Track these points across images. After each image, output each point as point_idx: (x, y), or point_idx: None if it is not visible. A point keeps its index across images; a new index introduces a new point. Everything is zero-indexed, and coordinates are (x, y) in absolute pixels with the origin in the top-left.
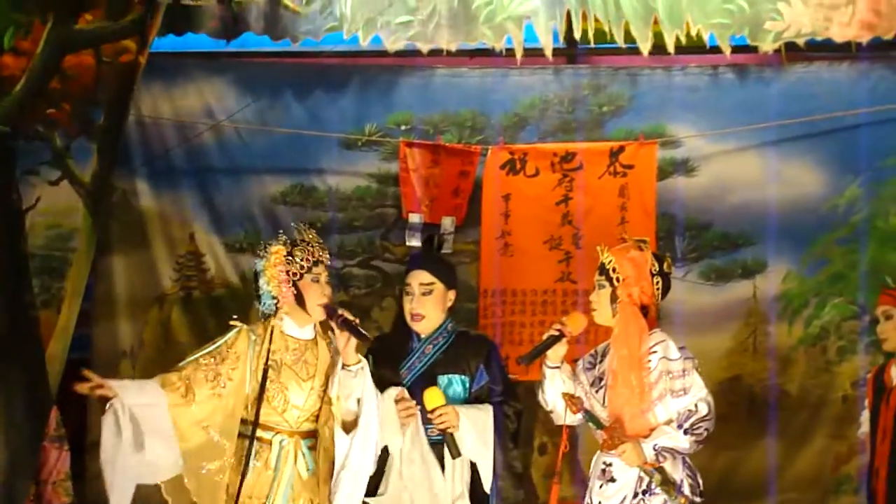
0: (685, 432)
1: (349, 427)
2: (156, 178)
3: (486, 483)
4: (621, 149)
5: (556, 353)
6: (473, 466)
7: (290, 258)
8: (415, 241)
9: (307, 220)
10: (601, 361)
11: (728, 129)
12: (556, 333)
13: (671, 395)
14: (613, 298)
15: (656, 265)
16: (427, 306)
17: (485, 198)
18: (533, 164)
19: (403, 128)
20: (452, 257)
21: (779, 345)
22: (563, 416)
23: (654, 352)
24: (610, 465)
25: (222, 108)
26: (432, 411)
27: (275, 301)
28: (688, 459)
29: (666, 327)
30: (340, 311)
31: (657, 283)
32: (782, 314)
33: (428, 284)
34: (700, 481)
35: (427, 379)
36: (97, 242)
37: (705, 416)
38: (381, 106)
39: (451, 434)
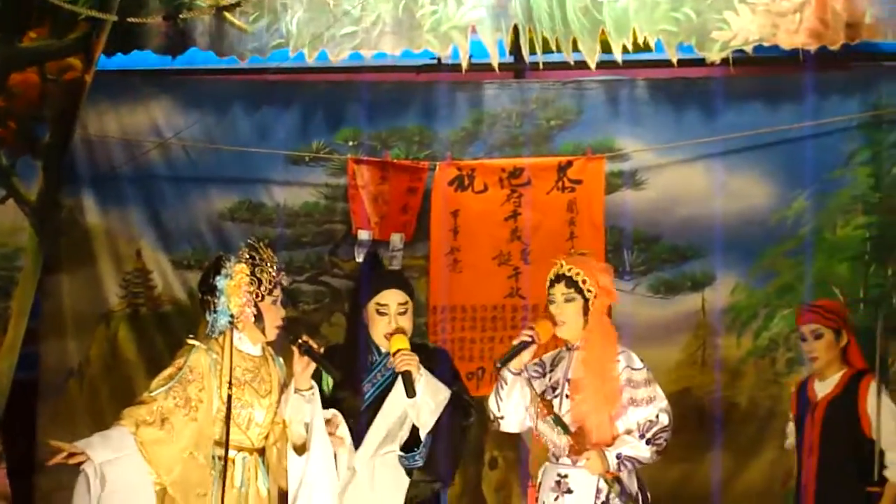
0: (647, 442)
1: (300, 450)
2: (102, 195)
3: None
4: (569, 164)
5: (520, 359)
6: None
7: (254, 279)
8: (363, 258)
9: (255, 236)
10: (552, 370)
11: (675, 142)
12: (528, 339)
13: (633, 405)
14: (586, 310)
15: None
16: (403, 324)
17: (433, 214)
18: (481, 180)
19: (351, 143)
20: None
21: (728, 357)
22: (535, 418)
23: (618, 361)
24: (565, 476)
25: (169, 125)
26: (395, 353)
27: (230, 319)
28: (638, 472)
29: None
30: (305, 338)
31: None
32: (731, 326)
33: (404, 304)
34: (648, 495)
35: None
36: (43, 260)
37: (665, 426)
38: (328, 122)
39: (410, 373)
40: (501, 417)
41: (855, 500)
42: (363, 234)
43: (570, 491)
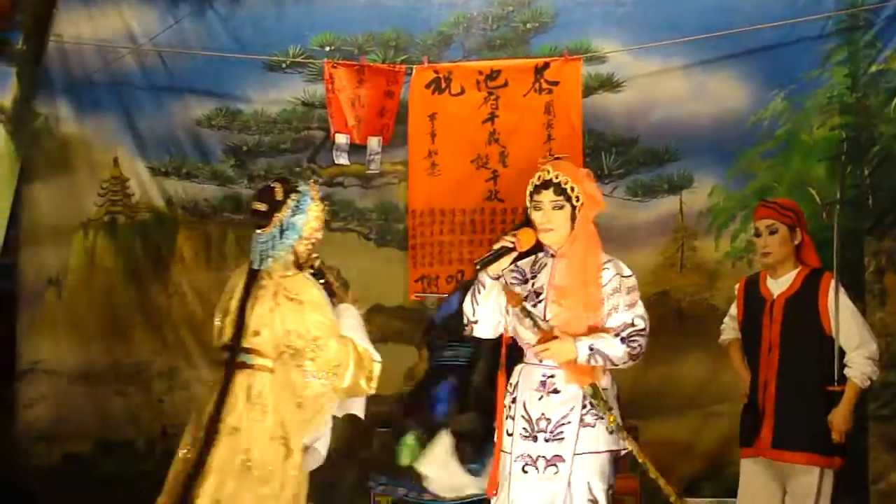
0: (621, 341)
1: None
2: (78, 102)
3: None
4: (546, 65)
5: (500, 265)
6: None
7: (321, 220)
8: (342, 161)
9: (233, 143)
10: (534, 277)
11: (653, 43)
12: (510, 245)
13: (615, 311)
14: (573, 217)
15: None
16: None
17: (411, 117)
18: (458, 83)
19: (328, 49)
20: (380, 178)
21: (706, 259)
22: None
23: (606, 268)
24: (552, 376)
25: (143, 31)
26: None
27: (295, 257)
28: (615, 384)
29: None
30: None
31: None
32: (709, 229)
33: None
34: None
35: None
36: (20, 169)
37: (641, 329)
38: (304, 27)
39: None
40: (476, 322)
41: (815, 399)
42: (341, 138)
43: (556, 391)
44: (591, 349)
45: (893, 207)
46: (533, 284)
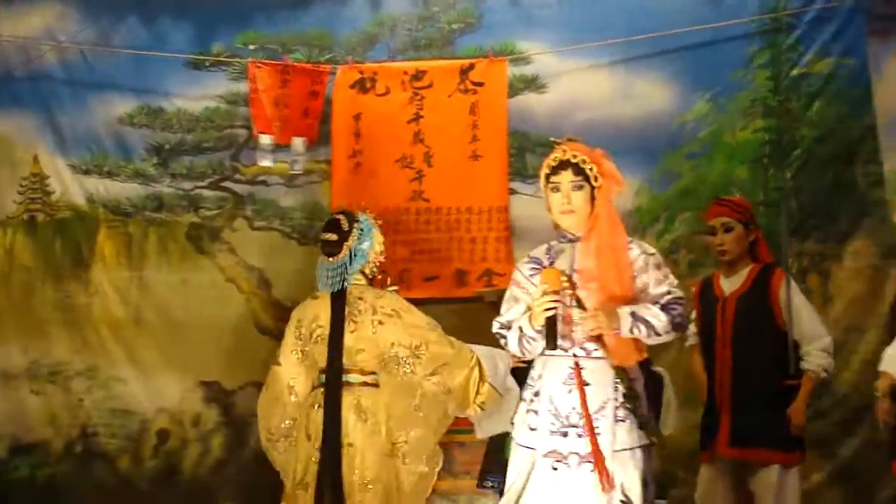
0: (661, 308)
1: None
2: None
3: None
4: (471, 66)
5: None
6: None
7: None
8: (266, 162)
9: (156, 141)
10: (551, 264)
11: (578, 45)
12: (553, 309)
13: (648, 287)
14: (592, 197)
15: None
16: None
17: (335, 117)
18: (383, 83)
19: (251, 47)
20: (304, 177)
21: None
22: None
23: (631, 248)
24: (583, 368)
25: (64, 28)
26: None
27: (368, 278)
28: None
29: (520, 244)
30: None
31: None
32: (634, 229)
33: None
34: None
35: None
36: None
37: (679, 297)
38: (228, 25)
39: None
40: (530, 359)
41: (771, 394)
42: (265, 139)
43: (587, 384)
44: (633, 316)
45: (816, 209)
46: None
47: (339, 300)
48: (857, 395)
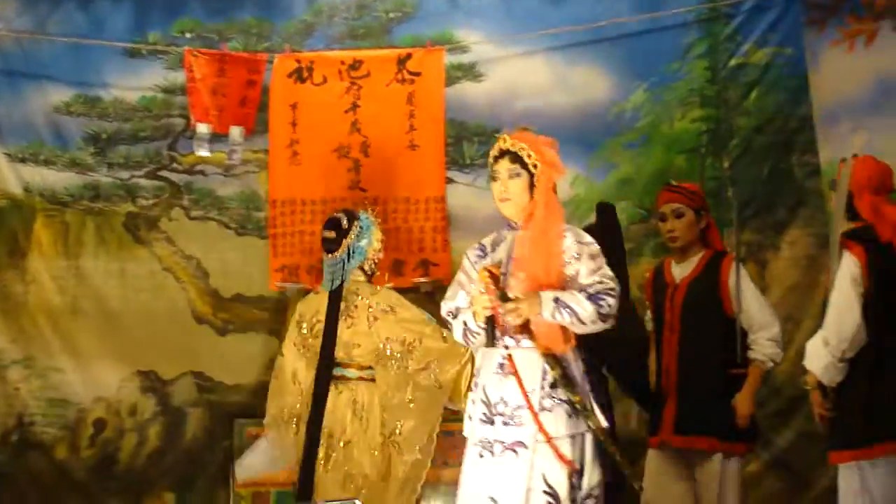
0: (588, 297)
1: None
2: None
3: None
4: (409, 56)
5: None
6: None
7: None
8: (203, 151)
9: (92, 130)
10: (493, 251)
11: (515, 34)
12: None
13: (578, 276)
14: (531, 185)
15: None
16: None
17: (272, 106)
18: (320, 73)
19: (188, 35)
20: (241, 166)
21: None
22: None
23: (566, 237)
24: (511, 357)
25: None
26: None
27: (367, 275)
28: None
29: (457, 233)
30: None
31: None
32: (571, 218)
33: None
34: (604, 386)
35: None
36: None
37: (610, 289)
38: (164, 13)
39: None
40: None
41: (717, 382)
42: (202, 128)
43: (514, 373)
44: (556, 301)
45: (752, 199)
46: (492, 259)
47: (335, 296)
48: (793, 386)
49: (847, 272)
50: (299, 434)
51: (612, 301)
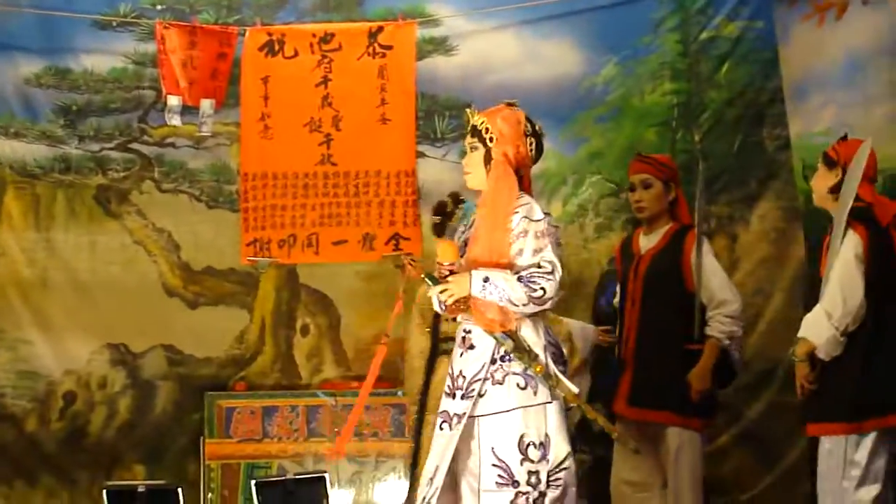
0: (519, 279)
1: None
2: None
3: None
4: (380, 29)
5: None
6: None
7: None
8: (175, 122)
9: (63, 102)
10: (470, 228)
11: (486, 8)
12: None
13: (520, 255)
14: (487, 159)
15: (529, 126)
16: None
17: (243, 80)
18: (291, 46)
19: (159, 7)
20: (212, 139)
21: None
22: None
23: (517, 212)
24: (469, 332)
25: None
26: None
27: None
28: (550, 329)
29: (427, 207)
30: None
31: (531, 143)
32: (541, 192)
33: None
34: (563, 350)
35: None
36: None
37: (547, 273)
38: None
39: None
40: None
41: (674, 356)
42: (173, 100)
43: (472, 346)
44: (485, 280)
45: (722, 172)
46: (466, 235)
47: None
48: (763, 358)
49: (851, 249)
50: None
51: (546, 285)
